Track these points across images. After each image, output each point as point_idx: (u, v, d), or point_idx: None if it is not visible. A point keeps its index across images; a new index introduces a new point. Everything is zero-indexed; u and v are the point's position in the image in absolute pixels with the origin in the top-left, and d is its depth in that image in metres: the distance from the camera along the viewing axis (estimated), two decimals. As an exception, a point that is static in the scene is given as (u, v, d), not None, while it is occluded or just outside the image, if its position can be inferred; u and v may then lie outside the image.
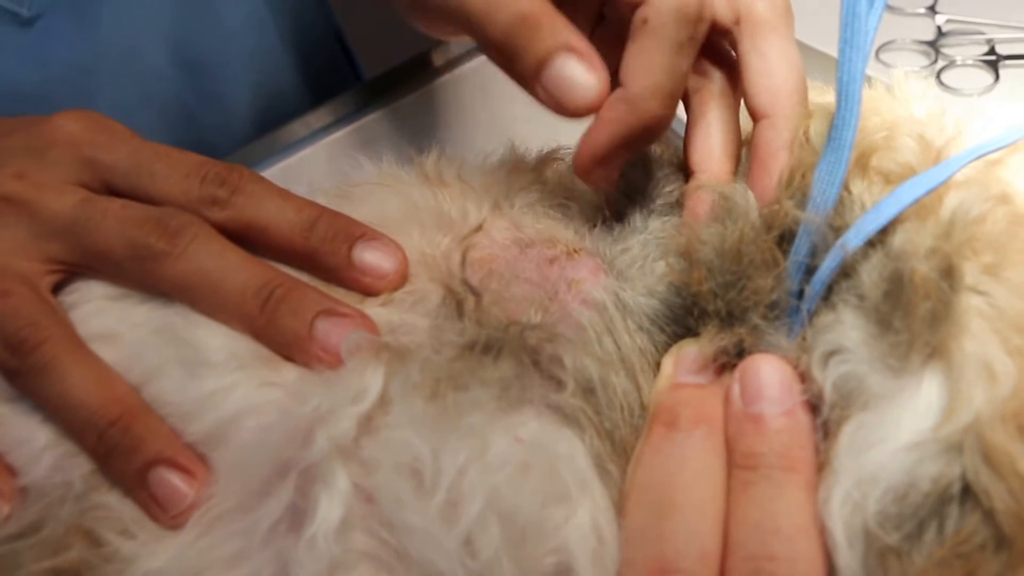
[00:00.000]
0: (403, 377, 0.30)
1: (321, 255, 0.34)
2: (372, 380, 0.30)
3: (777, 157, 0.33)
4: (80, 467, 0.31)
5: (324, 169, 0.60)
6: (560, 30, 0.32)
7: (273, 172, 0.60)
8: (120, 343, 0.33)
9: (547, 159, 0.38)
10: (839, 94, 0.31)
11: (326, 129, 0.62)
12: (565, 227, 0.35)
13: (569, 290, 0.33)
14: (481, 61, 0.65)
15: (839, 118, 0.31)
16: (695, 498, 0.28)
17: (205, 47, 0.60)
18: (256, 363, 0.32)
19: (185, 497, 0.30)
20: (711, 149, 0.35)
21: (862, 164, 0.32)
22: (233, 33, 0.61)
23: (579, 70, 0.32)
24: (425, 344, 0.31)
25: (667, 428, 0.29)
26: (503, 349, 0.31)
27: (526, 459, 0.28)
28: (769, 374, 0.29)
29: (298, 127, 0.62)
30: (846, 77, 0.31)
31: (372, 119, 0.62)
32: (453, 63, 0.65)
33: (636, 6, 0.33)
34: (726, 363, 0.31)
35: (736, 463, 0.28)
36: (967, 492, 0.26)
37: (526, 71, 0.33)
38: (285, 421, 0.30)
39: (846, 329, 0.29)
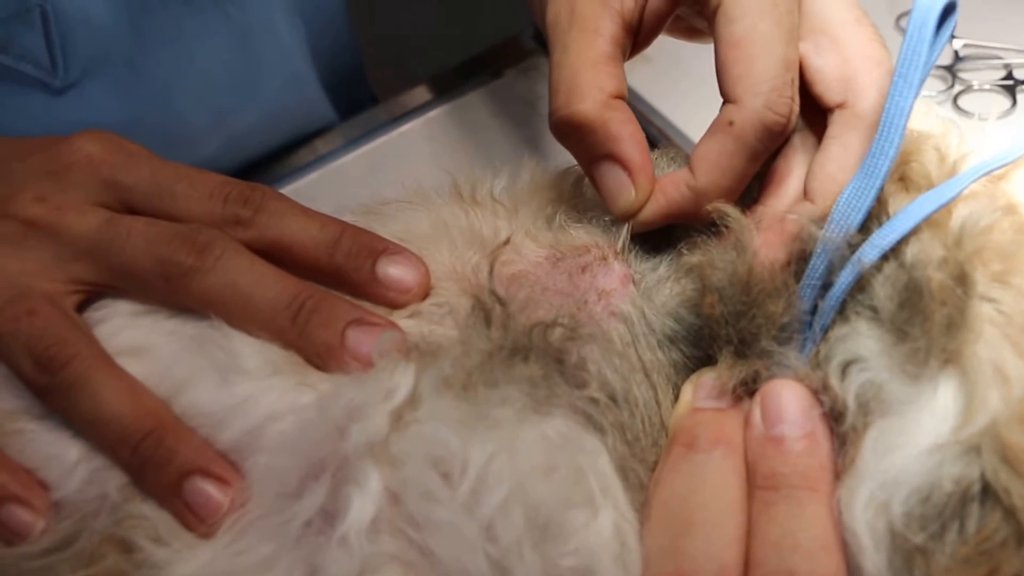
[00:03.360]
0: (434, 373, 0.32)
1: (346, 271, 0.35)
2: (403, 378, 0.31)
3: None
4: (115, 479, 0.33)
5: (336, 191, 0.62)
6: (606, 143, 0.36)
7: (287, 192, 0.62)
8: (150, 356, 0.34)
9: (578, 174, 0.40)
10: (883, 123, 0.32)
11: (336, 153, 0.64)
12: (599, 234, 0.37)
13: (599, 300, 0.35)
14: (490, 87, 0.67)
15: (878, 146, 0.32)
16: (713, 515, 0.29)
17: (248, 113, 0.62)
18: (290, 368, 0.33)
19: (220, 505, 0.32)
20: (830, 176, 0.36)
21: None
22: (276, 94, 0.63)
23: (615, 182, 0.36)
24: (454, 349, 0.33)
25: (686, 448, 0.31)
26: (530, 353, 0.32)
27: (553, 457, 0.29)
28: (789, 398, 0.31)
29: (306, 152, 0.65)
30: (894, 110, 0.32)
31: (381, 142, 0.65)
32: (464, 86, 0.67)
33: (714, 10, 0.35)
34: (744, 390, 0.32)
35: (757, 484, 0.30)
36: (987, 491, 0.28)
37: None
38: (317, 421, 0.31)
39: (863, 339, 0.31)
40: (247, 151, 0.65)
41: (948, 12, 0.33)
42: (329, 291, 0.35)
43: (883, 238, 0.31)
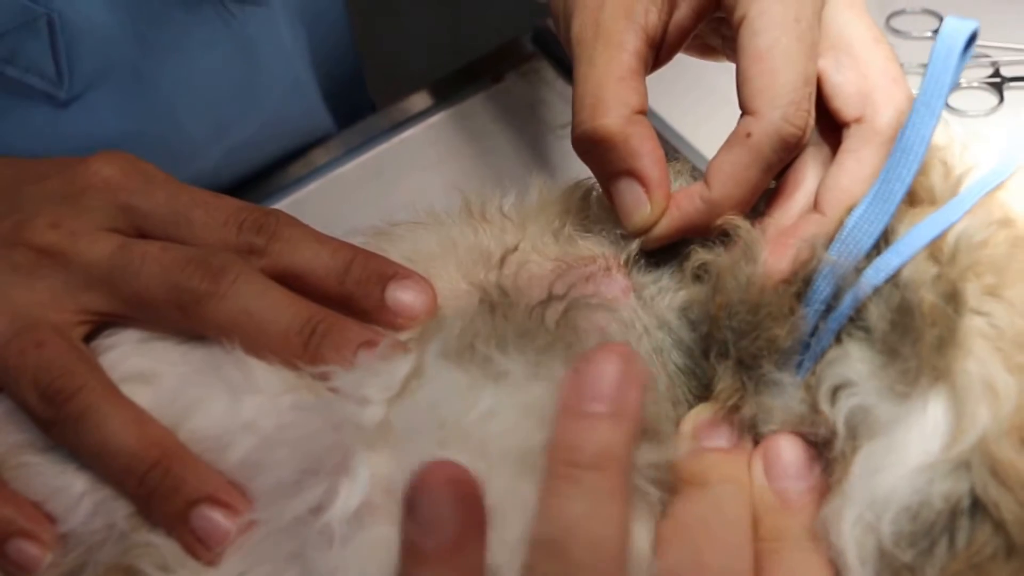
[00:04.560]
0: (440, 339, 0.33)
1: (356, 298, 0.36)
2: (403, 363, 0.33)
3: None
4: (121, 509, 0.34)
5: (338, 200, 0.63)
6: (626, 159, 0.36)
7: (287, 204, 0.63)
8: (158, 382, 0.35)
9: (585, 187, 0.41)
10: (901, 148, 0.33)
11: (336, 161, 0.65)
12: (607, 245, 0.39)
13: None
14: (491, 92, 0.68)
15: (893, 171, 0.33)
16: (734, 537, 0.30)
17: (250, 123, 0.62)
18: (303, 385, 0.34)
19: (228, 533, 0.32)
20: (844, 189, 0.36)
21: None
22: (278, 104, 0.64)
23: (632, 199, 0.37)
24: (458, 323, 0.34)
25: (699, 488, 0.32)
26: (532, 334, 0.33)
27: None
28: (790, 453, 0.32)
29: (306, 161, 0.66)
30: (914, 136, 0.33)
31: (382, 150, 0.65)
32: (462, 93, 0.68)
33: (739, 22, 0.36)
34: (741, 422, 0.33)
35: (763, 536, 0.31)
36: (976, 506, 0.29)
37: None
38: (316, 422, 0.33)
39: (853, 362, 0.32)
40: (248, 162, 0.65)
41: (971, 38, 0.34)
42: (340, 315, 0.36)
43: (887, 263, 0.32)
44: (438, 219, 0.40)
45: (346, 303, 0.36)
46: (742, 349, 0.33)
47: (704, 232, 0.37)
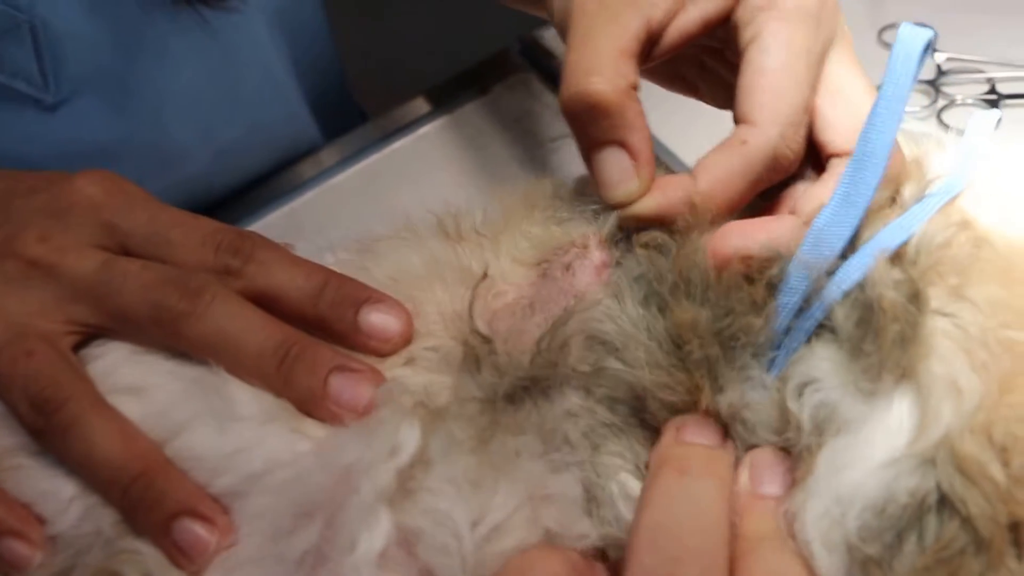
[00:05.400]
0: (443, 435, 0.33)
1: (329, 321, 0.37)
2: (408, 435, 0.33)
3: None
4: (108, 516, 0.35)
5: (329, 210, 0.64)
6: (619, 128, 0.36)
7: (280, 215, 0.64)
8: (148, 396, 0.36)
9: (546, 183, 0.41)
10: (865, 153, 0.33)
11: (330, 171, 0.66)
12: (580, 226, 0.38)
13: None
14: (478, 103, 0.69)
15: (859, 175, 0.33)
16: (710, 545, 0.30)
17: (234, 126, 0.64)
18: (284, 415, 0.35)
19: (208, 544, 0.33)
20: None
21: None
22: (261, 108, 0.65)
23: (618, 169, 0.36)
24: (451, 402, 0.34)
25: (679, 474, 0.31)
26: (526, 392, 0.34)
27: None
28: (774, 463, 0.32)
29: (297, 172, 0.67)
30: (878, 140, 0.33)
31: (372, 160, 0.67)
32: (450, 104, 0.69)
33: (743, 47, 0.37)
34: (719, 416, 0.33)
35: (744, 535, 0.31)
36: (944, 502, 0.29)
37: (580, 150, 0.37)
38: (316, 471, 0.33)
39: (817, 360, 0.32)
40: (239, 170, 0.67)
41: (927, 45, 0.35)
42: (314, 339, 0.36)
43: (856, 266, 0.33)
44: (417, 233, 0.41)
45: (320, 326, 0.37)
46: (720, 332, 0.33)
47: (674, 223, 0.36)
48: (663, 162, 0.60)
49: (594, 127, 0.36)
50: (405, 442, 0.32)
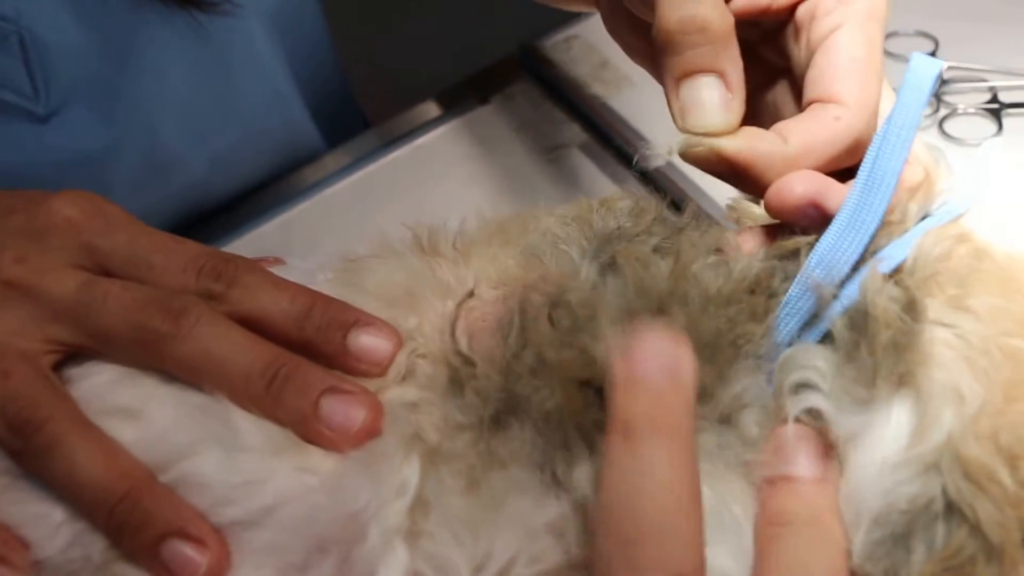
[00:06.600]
0: (436, 479, 0.32)
1: (317, 344, 0.36)
2: (410, 472, 0.32)
3: None
4: (99, 541, 0.34)
5: (328, 219, 0.64)
6: (722, 59, 0.35)
7: (276, 224, 0.64)
8: (145, 419, 0.35)
9: (534, 213, 0.40)
10: (873, 180, 0.34)
11: (329, 179, 0.66)
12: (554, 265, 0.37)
13: None
14: (478, 113, 0.69)
15: (865, 200, 0.34)
16: (665, 518, 0.26)
17: (229, 133, 0.64)
18: (289, 446, 0.34)
19: (199, 567, 0.32)
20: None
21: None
22: (257, 115, 0.65)
23: (713, 96, 0.35)
24: (441, 432, 0.34)
25: (623, 438, 0.27)
26: (511, 416, 0.33)
27: None
28: (801, 438, 0.31)
29: (296, 180, 0.67)
30: (887, 167, 0.34)
31: (372, 169, 0.67)
32: (449, 114, 0.69)
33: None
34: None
35: (768, 519, 0.30)
36: (951, 508, 0.29)
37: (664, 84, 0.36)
38: (328, 507, 0.32)
39: (813, 363, 0.32)
40: (237, 178, 0.67)
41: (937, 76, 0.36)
42: (304, 360, 0.36)
43: (855, 291, 0.32)
44: (396, 252, 0.40)
45: (307, 349, 0.36)
46: (720, 333, 0.33)
47: (744, 183, 0.36)
48: (692, 199, 0.60)
49: (695, 52, 0.35)
50: (409, 480, 0.32)
